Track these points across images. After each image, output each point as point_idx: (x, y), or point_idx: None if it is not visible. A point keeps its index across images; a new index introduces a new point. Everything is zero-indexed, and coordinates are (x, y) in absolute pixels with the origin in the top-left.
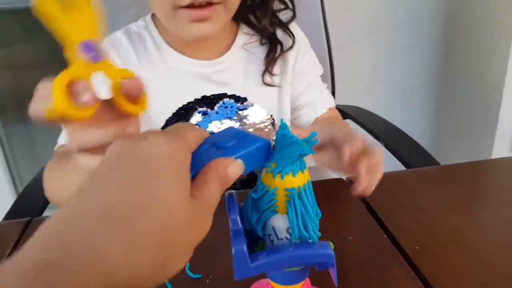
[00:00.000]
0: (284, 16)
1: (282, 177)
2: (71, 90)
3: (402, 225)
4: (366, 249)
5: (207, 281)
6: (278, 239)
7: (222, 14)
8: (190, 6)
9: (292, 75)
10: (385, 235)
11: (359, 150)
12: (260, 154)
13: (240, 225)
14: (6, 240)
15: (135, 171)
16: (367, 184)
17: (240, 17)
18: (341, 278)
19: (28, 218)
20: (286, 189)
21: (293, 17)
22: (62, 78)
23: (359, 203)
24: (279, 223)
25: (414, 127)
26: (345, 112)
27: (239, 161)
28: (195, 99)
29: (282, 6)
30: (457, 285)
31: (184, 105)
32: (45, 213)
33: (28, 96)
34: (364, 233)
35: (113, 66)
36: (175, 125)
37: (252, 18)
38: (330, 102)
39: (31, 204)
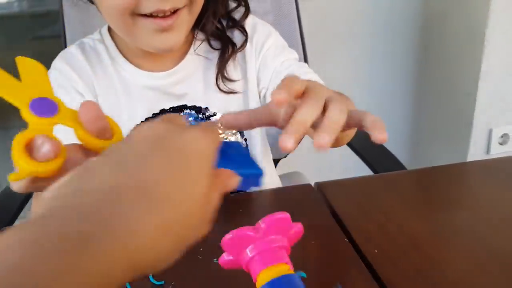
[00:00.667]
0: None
1: None
2: (32, 148)
3: (363, 230)
4: (327, 253)
5: (170, 287)
6: None
7: (186, 20)
8: (151, 15)
9: (258, 73)
10: (346, 239)
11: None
12: (253, 181)
13: None
14: None
15: (177, 160)
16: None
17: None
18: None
19: None
20: None
21: (246, 12)
22: (20, 138)
23: (325, 208)
24: None
25: (390, 132)
26: None
27: (238, 179)
28: (153, 114)
29: (234, 5)
30: None
31: (142, 121)
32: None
33: (7, 103)
34: (327, 238)
35: (69, 110)
36: (207, 122)
37: (204, 21)
38: (315, 77)
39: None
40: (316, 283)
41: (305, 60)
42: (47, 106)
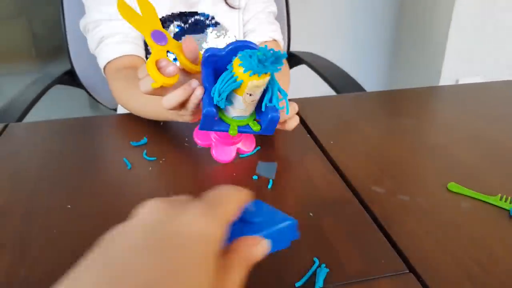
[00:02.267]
0: None
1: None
2: (159, 67)
3: (323, 129)
4: (291, 144)
5: (160, 161)
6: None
7: None
8: None
9: (246, 2)
10: (308, 135)
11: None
12: (287, 233)
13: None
14: None
15: (170, 254)
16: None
17: None
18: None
19: (5, 123)
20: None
21: None
22: (151, 61)
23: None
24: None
25: (368, 78)
26: (299, 57)
27: (266, 241)
28: (172, 13)
29: None
30: (360, 168)
31: (161, 18)
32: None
33: (8, 49)
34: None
35: (174, 41)
36: (219, 190)
37: None
38: (277, 35)
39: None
40: (286, 174)
41: (287, 11)
42: (161, 37)
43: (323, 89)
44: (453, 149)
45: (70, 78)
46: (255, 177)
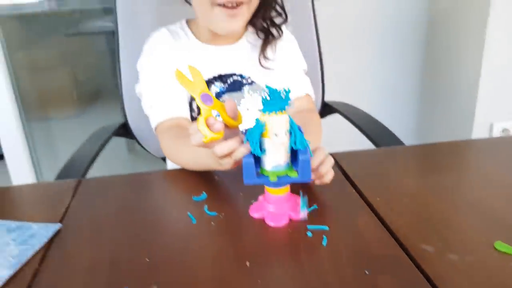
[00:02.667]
0: (278, 20)
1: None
2: (208, 124)
3: (366, 184)
4: (340, 201)
5: (220, 216)
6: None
7: (246, 13)
8: (224, 5)
9: (281, 63)
10: (354, 191)
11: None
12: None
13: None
14: (61, 196)
15: None
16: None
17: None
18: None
19: (78, 179)
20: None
21: (285, 21)
22: (202, 120)
23: (338, 171)
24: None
25: (396, 125)
26: (333, 107)
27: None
28: (213, 77)
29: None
30: (408, 225)
31: (205, 80)
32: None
33: (48, 95)
34: (337, 190)
35: (219, 102)
36: None
37: (256, 20)
38: (309, 91)
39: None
40: (332, 224)
41: (319, 53)
42: (208, 98)
43: (357, 138)
44: (495, 204)
45: (124, 130)
46: (309, 233)
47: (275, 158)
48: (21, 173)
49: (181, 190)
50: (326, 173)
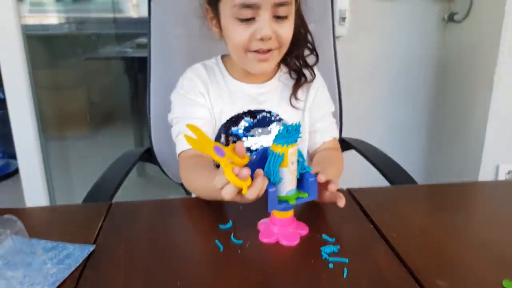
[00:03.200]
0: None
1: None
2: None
3: (383, 220)
4: (356, 234)
5: (246, 245)
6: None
7: (276, 57)
8: (256, 51)
9: (311, 105)
10: (371, 225)
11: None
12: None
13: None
14: (93, 219)
15: None
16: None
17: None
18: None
19: (109, 202)
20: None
21: (317, 61)
22: (229, 171)
23: (355, 206)
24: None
25: (405, 163)
26: (350, 143)
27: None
28: (243, 112)
29: (308, 52)
30: (423, 261)
31: (235, 114)
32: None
33: (64, 115)
34: (356, 225)
35: (228, 148)
36: None
37: (289, 60)
38: (335, 133)
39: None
40: (350, 257)
41: (339, 97)
42: (220, 150)
43: (370, 173)
44: (503, 244)
45: (149, 155)
46: (331, 265)
47: (291, 184)
48: (34, 188)
49: (208, 217)
50: (339, 198)
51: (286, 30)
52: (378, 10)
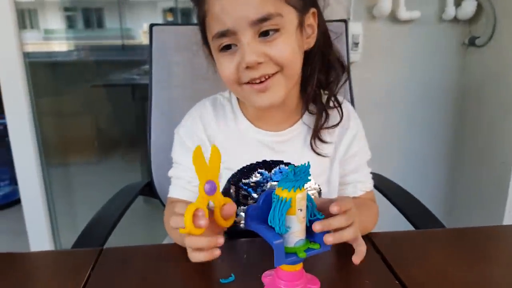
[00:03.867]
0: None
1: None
2: (194, 214)
3: (410, 274)
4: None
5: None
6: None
7: (282, 81)
8: (250, 82)
9: (346, 155)
10: (396, 282)
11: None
12: None
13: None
14: (81, 266)
15: None
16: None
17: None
18: None
19: (101, 247)
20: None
21: (344, 81)
22: (191, 209)
23: (375, 253)
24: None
25: (425, 196)
26: None
27: None
28: (257, 162)
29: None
30: None
31: (247, 165)
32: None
33: (69, 142)
34: (379, 280)
35: (221, 196)
36: None
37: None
38: (369, 186)
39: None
40: None
41: None
42: (212, 188)
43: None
44: None
45: (149, 189)
46: None
47: (299, 233)
48: (36, 218)
49: (208, 269)
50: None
51: (280, 49)
52: (393, 34)
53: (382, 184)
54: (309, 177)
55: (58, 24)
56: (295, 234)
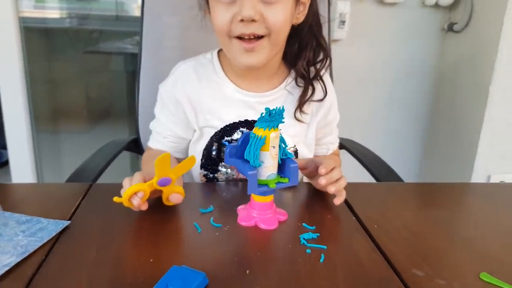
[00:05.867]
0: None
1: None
2: (136, 194)
3: (366, 214)
4: (337, 224)
5: (225, 228)
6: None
7: (267, 47)
8: (240, 38)
9: (322, 122)
10: (353, 217)
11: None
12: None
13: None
14: (70, 199)
15: None
16: (334, 190)
17: (291, 63)
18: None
19: (90, 182)
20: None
21: (328, 66)
22: (135, 188)
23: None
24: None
25: (401, 169)
26: (341, 143)
27: None
28: (239, 121)
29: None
30: (401, 252)
31: (230, 123)
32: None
33: (60, 109)
34: (338, 217)
35: (173, 186)
36: None
37: (298, 64)
38: (337, 145)
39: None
40: (332, 247)
41: None
42: (165, 182)
43: (362, 174)
44: (485, 241)
45: (135, 145)
46: (308, 251)
47: (272, 168)
48: (23, 180)
49: (190, 201)
50: (339, 195)
51: (276, 15)
52: (379, 16)
53: (353, 147)
54: (282, 120)
55: None
56: (268, 168)
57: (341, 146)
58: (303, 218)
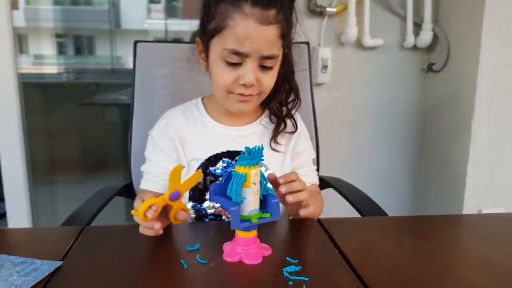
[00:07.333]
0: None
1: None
2: (150, 207)
3: (350, 247)
4: (320, 257)
5: (211, 264)
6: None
7: (256, 100)
8: (237, 94)
9: (293, 152)
10: (336, 251)
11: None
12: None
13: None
14: (63, 241)
15: None
16: (291, 200)
17: (266, 103)
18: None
19: (82, 226)
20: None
21: (298, 106)
22: (149, 202)
23: (323, 233)
24: (247, 191)
25: (388, 208)
26: (327, 181)
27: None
28: (222, 152)
29: (291, 98)
30: (383, 282)
31: (213, 154)
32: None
33: (57, 160)
34: (320, 249)
35: (180, 202)
36: None
37: (272, 105)
38: (315, 180)
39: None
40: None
41: (316, 139)
42: (176, 196)
43: (349, 210)
44: (466, 271)
45: (128, 190)
46: (290, 283)
47: (253, 203)
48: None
49: (177, 240)
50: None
51: (269, 80)
52: (359, 59)
53: (339, 185)
54: (262, 158)
55: (49, 50)
56: (250, 204)
57: (328, 185)
58: (286, 252)
